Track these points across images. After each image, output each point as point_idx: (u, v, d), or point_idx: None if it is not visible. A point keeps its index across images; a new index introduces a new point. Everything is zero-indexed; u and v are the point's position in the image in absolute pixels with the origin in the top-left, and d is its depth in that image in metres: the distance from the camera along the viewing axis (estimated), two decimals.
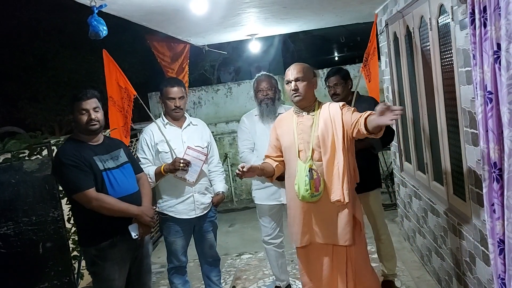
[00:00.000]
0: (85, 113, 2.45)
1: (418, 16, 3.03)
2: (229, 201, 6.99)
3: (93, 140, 2.53)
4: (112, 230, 2.48)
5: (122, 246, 2.52)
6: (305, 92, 2.50)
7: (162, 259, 4.54)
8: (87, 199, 2.39)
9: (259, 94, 3.29)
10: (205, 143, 3.18)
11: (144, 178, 2.76)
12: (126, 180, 2.57)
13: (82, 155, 2.43)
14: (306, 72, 2.52)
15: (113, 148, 2.61)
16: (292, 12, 4.06)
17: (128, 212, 2.50)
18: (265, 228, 3.41)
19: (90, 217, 2.45)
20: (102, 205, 2.41)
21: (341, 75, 3.33)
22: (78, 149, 2.44)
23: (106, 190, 2.45)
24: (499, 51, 1.61)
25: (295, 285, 3.70)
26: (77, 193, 2.40)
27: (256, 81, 3.36)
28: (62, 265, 2.70)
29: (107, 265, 2.49)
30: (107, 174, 2.48)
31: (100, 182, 2.45)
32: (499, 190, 1.72)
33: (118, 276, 2.53)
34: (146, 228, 2.56)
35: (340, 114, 2.42)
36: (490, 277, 2.25)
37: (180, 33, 4.55)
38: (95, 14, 2.65)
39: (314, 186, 2.41)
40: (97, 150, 2.51)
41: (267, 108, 3.27)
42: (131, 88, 3.33)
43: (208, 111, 7.20)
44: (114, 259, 2.50)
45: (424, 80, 3.11)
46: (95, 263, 2.51)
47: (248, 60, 10.58)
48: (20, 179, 2.61)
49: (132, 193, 2.57)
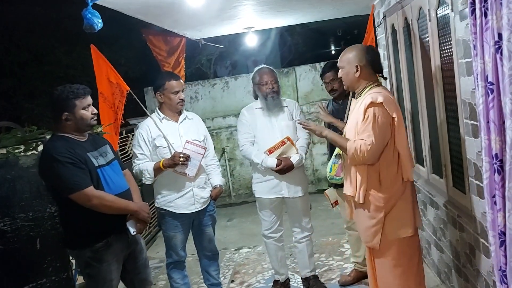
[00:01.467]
0: (88, 108, 2.41)
1: (417, 8, 3.00)
2: (227, 196, 6.98)
3: (80, 137, 2.45)
4: (107, 229, 2.42)
5: (117, 246, 2.47)
6: (346, 80, 2.49)
7: (161, 254, 4.54)
8: (87, 198, 2.31)
9: (264, 88, 3.24)
10: (202, 136, 3.17)
11: (128, 174, 2.73)
12: (118, 177, 2.53)
13: (77, 151, 2.35)
14: (344, 61, 2.48)
15: (99, 144, 2.55)
16: (289, 5, 4.03)
17: (128, 209, 2.47)
18: (265, 222, 3.40)
19: (83, 217, 2.36)
20: (103, 202, 2.35)
21: (337, 69, 3.30)
22: (70, 146, 2.35)
23: (103, 188, 2.40)
24: (500, 41, 1.59)
25: (294, 279, 3.70)
26: (76, 192, 2.29)
27: (258, 74, 3.31)
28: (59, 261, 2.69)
29: (103, 266, 2.42)
30: (102, 171, 2.43)
31: (96, 180, 2.38)
32: (500, 182, 1.71)
33: (114, 277, 2.49)
34: (143, 224, 2.54)
35: (361, 118, 2.32)
36: (490, 269, 2.24)
37: (176, 26, 4.51)
38: (89, 7, 2.62)
39: (335, 170, 2.47)
40: (87, 147, 2.44)
41: (273, 101, 3.24)
42: (124, 83, 3.28)
43: (205, 105, 7.16)
44: (110, 259, 2.44)
45: (423, 72, 3.09)
46: (90, 265, 2.42)
47: (245, 54, 10.53)
48: (16, 175, 2.59)
49: (125, 190, 2.54)
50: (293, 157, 3.21)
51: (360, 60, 2.41)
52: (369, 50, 2.48)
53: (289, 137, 3.22)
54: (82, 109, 2.39)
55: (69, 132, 2.42)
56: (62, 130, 2.41)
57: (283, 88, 6.78)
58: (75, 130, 2.42)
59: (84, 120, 2.41)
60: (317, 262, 3.94)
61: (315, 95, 6.97)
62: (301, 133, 3.34)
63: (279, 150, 3.20)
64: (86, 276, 2.50)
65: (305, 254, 3.45)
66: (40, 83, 7.97)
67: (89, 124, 2.44)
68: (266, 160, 3.18)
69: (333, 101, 3.47)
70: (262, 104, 3.29)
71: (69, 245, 2.52)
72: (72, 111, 2.37)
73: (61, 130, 2.42)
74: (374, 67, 2.45)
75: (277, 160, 3.18)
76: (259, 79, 3.28)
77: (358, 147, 2.27)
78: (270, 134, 3.25)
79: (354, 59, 2.43)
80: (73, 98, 2.36)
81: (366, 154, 2.26)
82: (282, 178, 3.25)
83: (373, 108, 2.27)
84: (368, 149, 2.25)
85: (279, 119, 3.29)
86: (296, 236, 3.45)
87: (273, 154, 3.19)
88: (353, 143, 2.30)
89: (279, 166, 3.16)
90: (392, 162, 2.35)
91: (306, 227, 3.42)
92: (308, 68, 7.10)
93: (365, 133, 2.28)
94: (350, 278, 3.53)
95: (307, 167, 6.85)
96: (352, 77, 2.44)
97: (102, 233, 2.41)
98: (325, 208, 5.37)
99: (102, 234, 2.41)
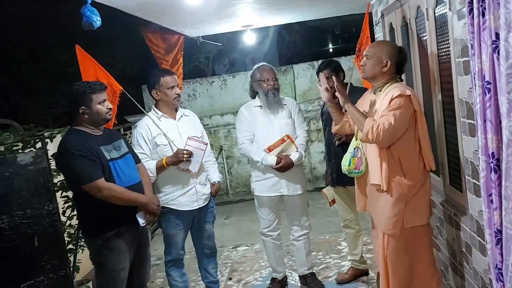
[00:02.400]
0: (103, 103, 2.52)
1: (415, 6, 3.01)
2: (225, 194, 6.98)
3: (96, 131, 2.56)
4: (118, 219, 2.51)
5: (127, 236, 2.55)
6: (369, 69, 2.50)
7: (159, 251, 4.54)
8: (98, 189, 2.42)
9: (265, 84, 3.24)
10: (200, 133, 3.19)
11: (142, 168, 2.80)
12: (131, 170, 2.62)
13: (90, 145, 2.45)
14: (377, 51, 2.50)
15: (114, 138, 2.65)
16: (287, 3, 4.03)
17: (137, 201, 2.56)
18: (263, 220, 3.41)
19: (96, 207, 2.47)
20: (114, 194, 2.45)
21: (332, 67, 3.32)
22: (84, 140, 2.46)
23: (114, 180, 2.49)
24: (497, 41, 1.60)
25: (291, 277, 3.72)
26: (88, 183, 2.41)
27: (258, 71, 3.31)
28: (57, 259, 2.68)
29: (113, 255, 2.51)
30: (114, 164, 2.52)
31: (107, 172, 2.48)
32: (496, 181, 1.72)
33: (124, 266, 2.55)
34: (152, 215, 2.62)
35: (386, 106, 2.39)
36: (486, 267, 2.26)
37: (174, 24, 4.50)
38: (88, 5, 2.62)
39: (354, 164, 2.50)
40: (101, 141, 2.54)
41: (274, 98, 3.25)
42: (116, 83, 3.26)
43: (203, 103, 7.16)
44: (120, 248, 2.53)
45: (421, 71, 3.10)
46: (100, 253, 2.52)
47: (243, 52, 10.52)
48: (14, 172, 2.58)
49: (137, 183, 2.62)
50: (292, 154, 3.23)
51: (391, 57, 2.48)
52: (402, 51, 2.55)
53: (289, 135, 3.23)
54: (98, 103, 2.51)
55: (85, 126, 2.53)
56: (78, 123, 2.53)
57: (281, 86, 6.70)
58: (90, 123, 2.53)
59: (100, 114, 2.52)
60: (314, 260, 3.96)
61: (313, 93, 6.98)
62: (299, 131, 3.35)
63: (279, 148, 3.21)
64: (96, 264, 2.61)
65: (302, 252, 3.46)
66: (37, 80, 7.95)
67: (105, 118, 2.55)
68: (266, 158, 3.19)
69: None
70: (263, 101, 3.28)
71: (83, 232, 2.68)
72: (89, 105, 2.49)
73: (77, 123, 2.54)
74: (398, 68, 2.53)
75: (277, 158, 3.19)
76: (260, 76, 3.28)
77: (375, 125, 2.33)
78: (269, 132, 3.25)
79: (386, 53, 2.49)
80: (90, 93, 2.48)
81: (382, 133, 2.31)
82: (282, 176, 3.25)
83: (400, 99, 2.35)
84: (385, 129, 2.30)
85: (278, 117, 3.29)
86: (294, 234, 3.46)
87: (272, 152, 3.20)
88: (372, 121, 2.37)
89: (279, 164, 3.17)
90: (413, 152, 2.44)
91: (304, 225, 3.43)
92: (306, 66, 7.10)
93: (385, 116, 2.35)
94: (347, 276, 3.54)
95: (305, 165, 6.86)
96: (378, 69, 2.49)
97: (113, 222, 2.51)
98: (323, 206, 5.39)
99: (113, 224, 2.51)
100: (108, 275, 2.54)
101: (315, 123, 6.88)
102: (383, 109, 2.39)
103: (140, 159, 2.84)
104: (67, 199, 3.33)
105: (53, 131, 3.38)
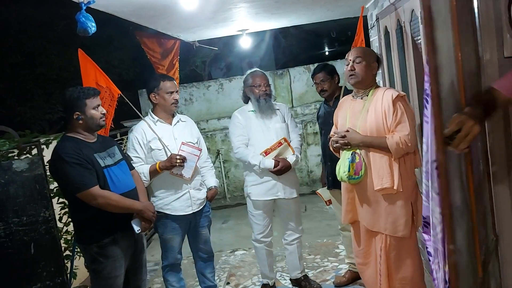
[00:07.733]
0: (97, 108, 2.51)
1: (409, 10, 3.02)
2: (222, 198, 6.97)
3: (90, 138, 2.54)
4: (114, 226, 2.50)
5: (123, 243, 2.54)
6: (362, 74, 2.53)
7: (156, 257, 4.52)
8: (92, 197, 2.40)
9: (256, 90, 3.26)
10: (195, 139, 3.18)
11: (136, 175, 2.79)
12: (125, 176, 2.60)
13: (84, 152, 2.43)
14: (366, 54, 2.55)
15: (108, 145, 2.64)
16: (283, 7, 4.04)
17: (133, 208, 2.54)
18: (257, 226, 3.39)
19: (91, 214, 2.45)
20: (108, 202, 2.43)
21: (327, 71, 3.36)
22: (78, 147, 2.44)
23: (108, 187, 2.47)
24: None
25: (283, 279, 3.73)
26: (82, 191, 2.39)
27: (250, 76, 3.33)
28: (54, 265, 2.67)
29: (109, 262, 2.49)
30: (108, 171, 2.50)
31: (102, 179, 2.46)
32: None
33: (119, 273, 2.54)
34: (148, 222, 2.61)
35: (392, 112, 2.45)
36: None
37: (170, 28, 4.50)
38: (83, 11, 2.61)
39: (354, 169, 2.49)
40: (95, 148, 2.53)
41: (266, 104, 3.26)
42: (114, 87, 3.26)
43: (200, 107, 7.16)
44: (116, 256, 2.51)
45: (416, 73, 3.11)
46: (96, 260, 2.50)
47: (239, 56, 10.53)
48: (10, 179, 2.57)
49: (132, 189, 2.61)
50: (289, 157, 3.24)
51: (377, 60, 2.61)
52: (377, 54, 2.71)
53: (286, 138, 3.24)
54: (92, 108, 2.50)
55: (79, 132, 2.51)
56: (73, 129, 2.52)
57: (277, 89, 6.80)
58: (85, 129, 2.52)
59: (94, 119, 2.51)
60: (312, 263, 3.96)
61: (309, 97, 6.99)
62: (293, 135, 3.38)
63: (276, 151, 3.22)
64: (92, 272, 2.58)
65: (295, 255, 3.47)
66: (32, 85, 7.93)
67: (99, 124, 2.54)
68: (264, 161, 3.19)
69: (325, 104, 3.51)
70: (255, 106, 3.30)
71: (78, 240, 2.64)
72: (83, 110, 2.47)
73: (71, 129, 2.52)
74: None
75: (275, 160, 3.19)
76: (252, 81, 3.30)
77: (399, 141, 2.40)
78: (266, 136, 3.26)
79: (373, 56, 2.59)
80: (84, 98, 2.47)
81: (409, 143, 2.41)
82: (278, 180, 3.26)
83: (400, 101, 2.47)
84: (408, 139, 2.41)
85: (273, 121, 3.30)
86: (287, 238, 3.47)
87: (269, 155, 3.21)
88: (393, 139, 2.42)
89: (277, 167, 3.18)
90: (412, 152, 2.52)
91: (298, 229, 3.44)
92: (302, 70, 7.12)
93: (399, 125, 2.43)
94: (345, 279, 3.54)
95: (302, 169, 6.87)
96: (370, 72, 2.57)
97: (108, 229, 2.49)
98: (320, 209, 5.38)
99: (108, 231, 2.49)
100: (104, 282, 2.52)
101: (312, 126, 6.89)
102: (389, 114, 2.44)
103: (134, 166, 2.83)
104: (63, 205, 3.31)
105: (49, 137, 3.37)
